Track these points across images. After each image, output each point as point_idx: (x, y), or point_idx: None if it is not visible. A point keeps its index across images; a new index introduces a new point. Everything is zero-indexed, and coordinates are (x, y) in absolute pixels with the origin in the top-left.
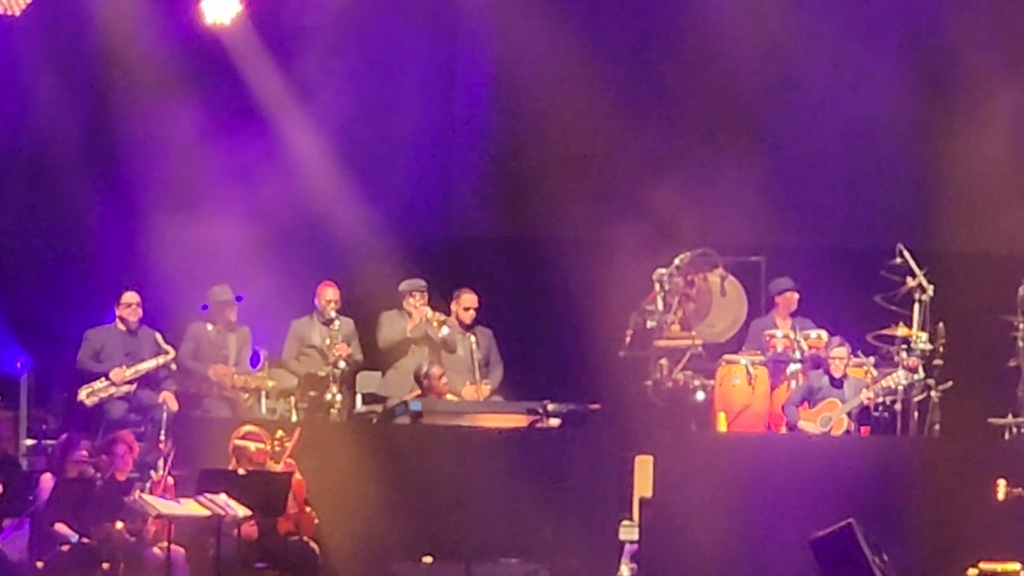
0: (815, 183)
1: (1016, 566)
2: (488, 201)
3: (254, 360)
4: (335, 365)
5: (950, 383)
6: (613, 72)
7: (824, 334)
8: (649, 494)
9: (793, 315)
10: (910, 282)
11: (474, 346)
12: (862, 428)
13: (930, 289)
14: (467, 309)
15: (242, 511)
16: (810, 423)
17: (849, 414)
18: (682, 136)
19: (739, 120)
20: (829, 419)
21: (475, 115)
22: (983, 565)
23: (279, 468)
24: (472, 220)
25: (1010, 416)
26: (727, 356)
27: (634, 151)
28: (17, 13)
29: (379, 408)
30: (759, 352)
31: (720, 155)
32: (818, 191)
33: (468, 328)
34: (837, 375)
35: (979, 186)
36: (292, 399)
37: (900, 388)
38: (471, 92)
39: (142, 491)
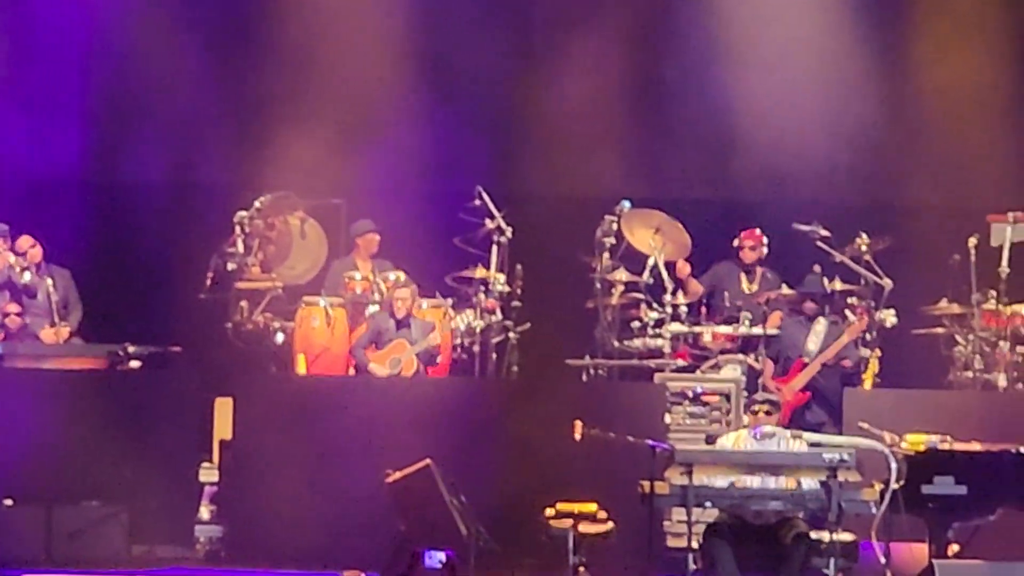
0: (395, 125)
1: (593, 506)
2: (71, 142)
3: None
4: None
5: (528, 324)
6: (199, 15)
7: (403, 276)
8: (229, 436)
9: (373, 257)
10: (489, 224)
11: (51, 288)
12: (429, 369)
13: (508, 231)
14: (33, 246)
15: None
16: (380, 365)
17: (418, 355)
18: (263, 81)
19: (320, 64)
20: (399, 360)
21: (59, 52)
22: (560, 505)
23: None
24: (55, 161)
25: (587, 357)
26: (306, 298)
27: (218, 95)
28: None
29: None
30: (339, 294)
31: (298, 99)
32: (397, 134)
33: (44, 269)
34: (400, 316)
35: (557, 129)
36: None
37: (476, 329)
38: (55, 28)
39: None
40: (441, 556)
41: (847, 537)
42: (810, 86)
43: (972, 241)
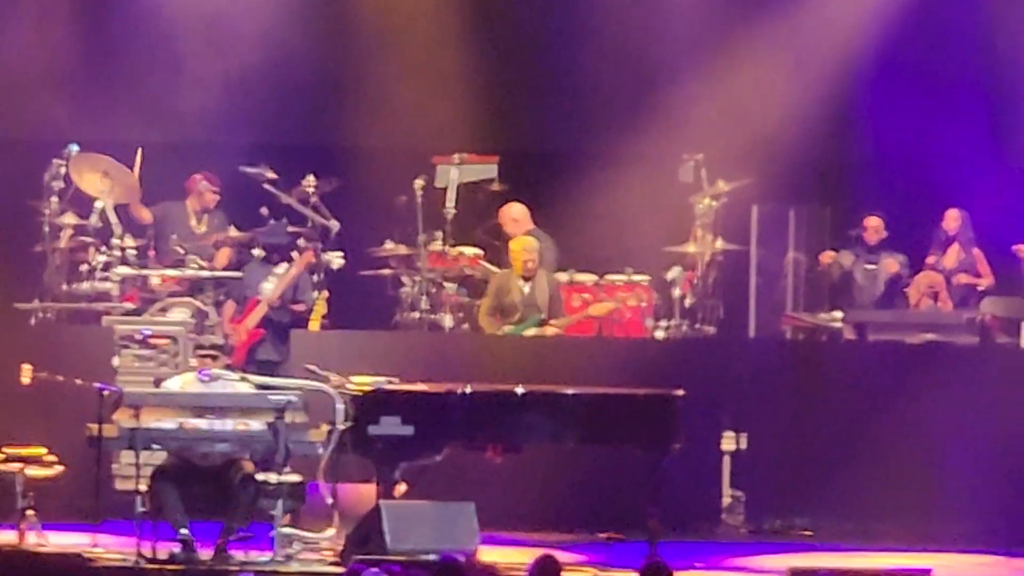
0: None
1: (42, 450)
2: None
3: None
4: None
5: None
6: None
7: None
8: None
9: None
10: None
11: None
12: None
13: None
14: None
15: None
16: None
17: None
18: None
19: None
20: None
21: None
22: (8, 449)
23: None
24: None
25: (36, 301)
26: None
27: None
28: None
29: None
30: None
31: None
32: None
33: None
34: None
35: (8, 72)
36: None
37: None
38: None
39: None
40: None
41: (294, 478)
42: (254, 24)
43: (418, 182)
